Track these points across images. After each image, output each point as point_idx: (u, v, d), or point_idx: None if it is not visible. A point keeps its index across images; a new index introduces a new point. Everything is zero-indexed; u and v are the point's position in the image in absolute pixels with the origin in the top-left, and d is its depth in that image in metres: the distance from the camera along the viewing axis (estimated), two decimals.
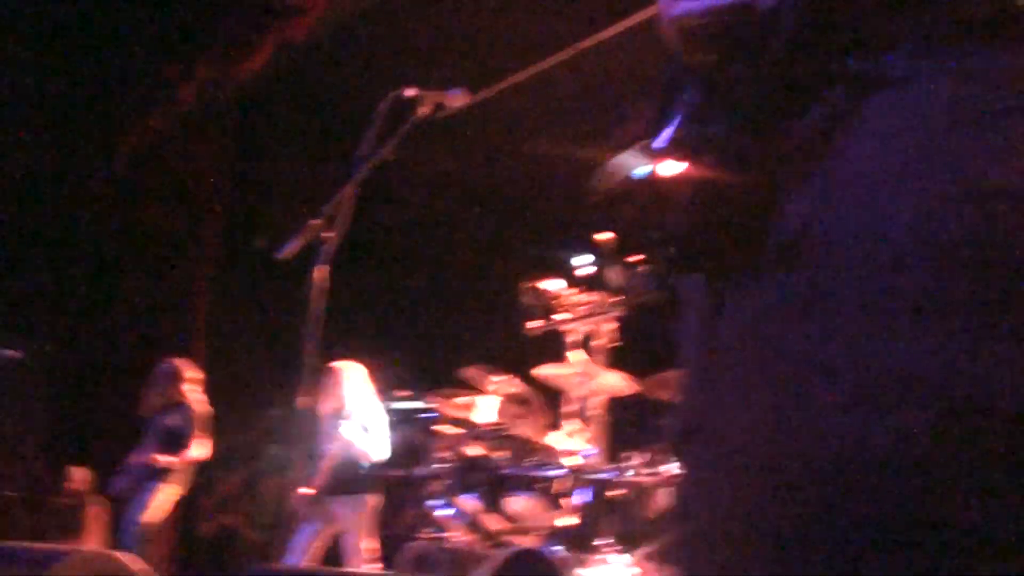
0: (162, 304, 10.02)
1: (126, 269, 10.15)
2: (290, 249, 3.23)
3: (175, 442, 7.22)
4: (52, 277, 9.61)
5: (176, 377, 7.48)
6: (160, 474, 7.11)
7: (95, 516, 8.86)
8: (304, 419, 6.45)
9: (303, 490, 6.61)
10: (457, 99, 3.67)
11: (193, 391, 7.48)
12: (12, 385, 7.56)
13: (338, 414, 6.66)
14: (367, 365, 6.99)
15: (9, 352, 6.04)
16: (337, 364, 6.84)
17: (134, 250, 10.17)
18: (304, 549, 6.47)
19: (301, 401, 4.42)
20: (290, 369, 6.05)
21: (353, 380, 6.83)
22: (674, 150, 1.46)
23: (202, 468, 7.50)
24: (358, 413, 6.68)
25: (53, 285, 9.59)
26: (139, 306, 10.01)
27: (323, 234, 3.22)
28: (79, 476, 9.20)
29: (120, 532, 7.15)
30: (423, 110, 3.60)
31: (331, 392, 6.76)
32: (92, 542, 8.61)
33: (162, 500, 7.10)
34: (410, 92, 3.62)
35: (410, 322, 9.51)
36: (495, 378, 5.64)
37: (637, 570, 4.94)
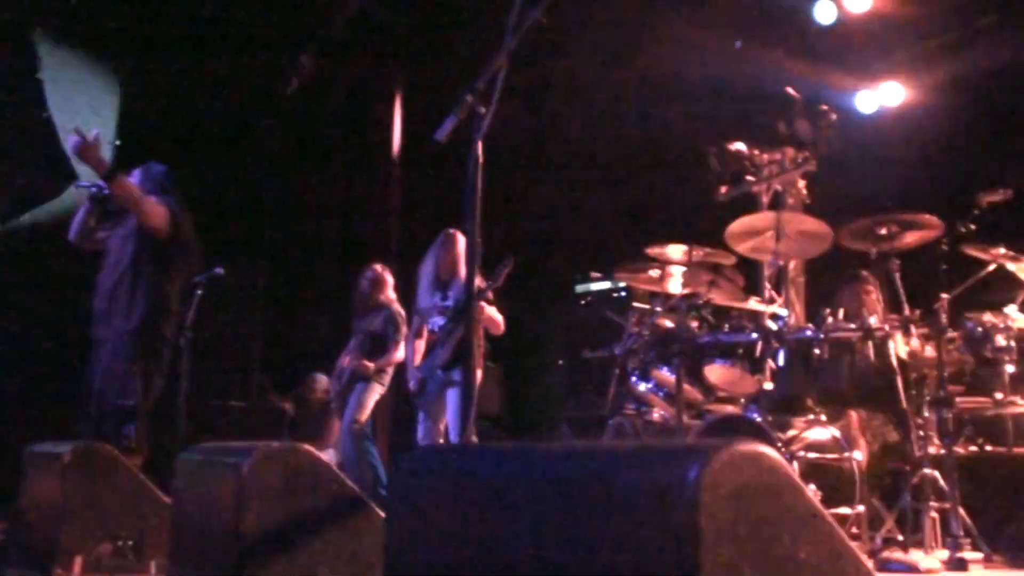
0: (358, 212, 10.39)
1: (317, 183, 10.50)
2: (446, 129, 3.16)
3: (380, 346, 7.46)
4: (252, 199, 10.04)
5: (379, 282, 7.66)
6: (367, 376, 7.38)
7: (333, 423, 9.33)
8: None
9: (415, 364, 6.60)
10: None
11: (393, 296, 7.67)
12: (225, 300, 7.97)
13: (459, 281, 6.38)
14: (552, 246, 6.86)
15: (216, 269, 6.31)
16: (452, 230, 6.53)
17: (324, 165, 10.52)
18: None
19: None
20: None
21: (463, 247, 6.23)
22: None
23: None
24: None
25: (254, 205, 10.03)
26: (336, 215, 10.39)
27: (478, 109, 3.12)
28: (321, 384, 9.62)
29: (339, 432, 7.51)
30: None
31: (453, 258, 6.49)
32: (332, 441, 9.10)
33: (368, 398, 7.38)
34: None
35: (594, 199, 9.37)
36: (683, 247, 5.46)
37: (836, 432, 4.78)
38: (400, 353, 7.34)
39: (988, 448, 5.03)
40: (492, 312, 6.32)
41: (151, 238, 5.74)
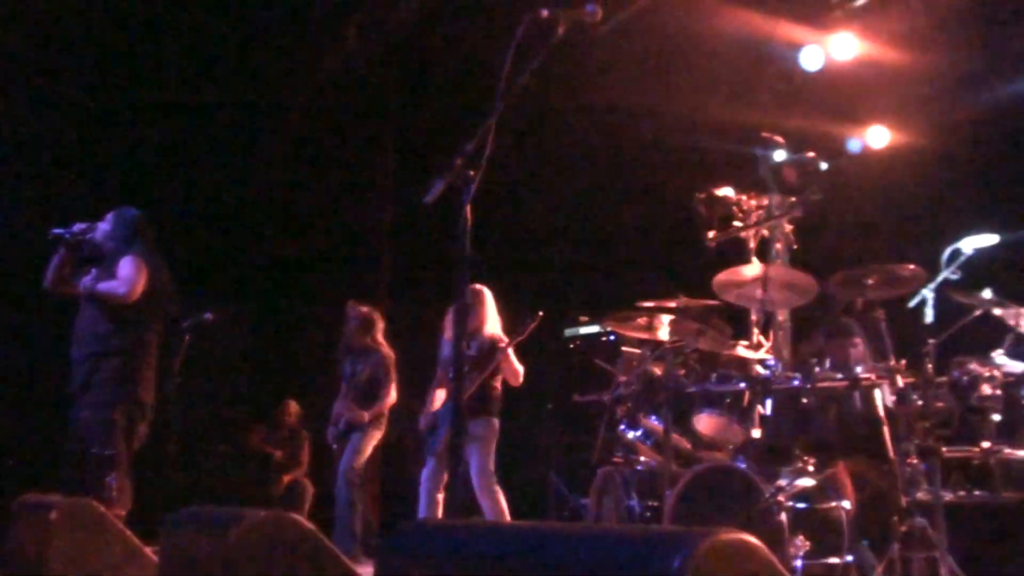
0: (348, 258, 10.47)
1: (313, 229, 10.58)
2: (435, 192, 3.18)
3: (373, 391, 7.42)
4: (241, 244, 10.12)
5: (367, 324, 7.64)
6: (363, 425, 7.35)
7: (305, 449, 9.38)
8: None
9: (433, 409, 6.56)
10: (594, 15, 3.46)
11: (382, 338, 7.66)
12: (210, 344, 7.97)
13: (478, 334, 6.45)
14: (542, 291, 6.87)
15: (205, 315, 6.34)
16: (480, 286, 6.56)
17: (319, 212, 10.61)
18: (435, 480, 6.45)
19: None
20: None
21: (490, 303, 6.58)
22: None
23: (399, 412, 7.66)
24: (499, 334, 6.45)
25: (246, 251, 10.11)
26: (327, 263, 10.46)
27: (466, 172, 3.14)
28: (294, 409, 9.71)
29: (335, 477, 7.43)
30: (560, 30, 3.43)
31: (479, 314, 6.49)
32: (302, 474, 9.17)
33: (366, 445, 7.35)
34: (544, 12, 3.45)
35: (584, 246, 9.43)
36: (671, 296, 5.49)
37: (824, 481, 4.78)
38: (392, 397, 7.36)
39: (976, 493, 5.03)
40: (514, 362, 6.36)
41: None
